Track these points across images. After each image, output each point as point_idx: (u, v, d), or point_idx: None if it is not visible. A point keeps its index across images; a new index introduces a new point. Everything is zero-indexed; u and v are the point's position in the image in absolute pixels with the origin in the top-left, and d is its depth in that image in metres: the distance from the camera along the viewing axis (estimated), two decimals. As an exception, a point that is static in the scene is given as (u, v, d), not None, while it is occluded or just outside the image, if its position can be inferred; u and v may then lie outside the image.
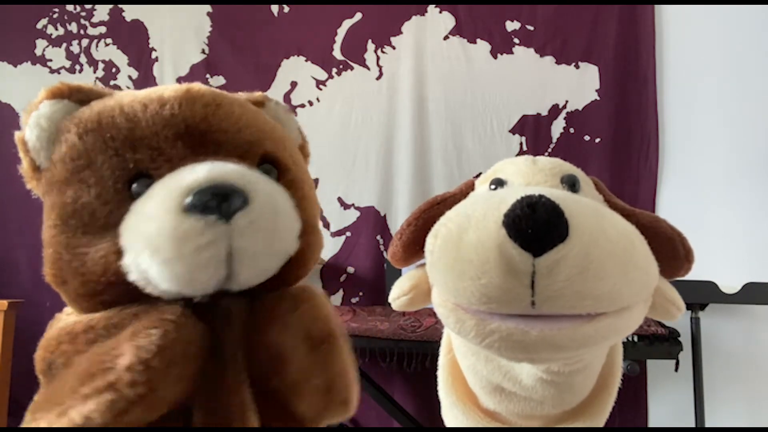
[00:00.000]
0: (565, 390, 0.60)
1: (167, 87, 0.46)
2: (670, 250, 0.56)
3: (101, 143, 0.42)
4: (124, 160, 0.42)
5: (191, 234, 0.37)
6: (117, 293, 0.41)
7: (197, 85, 0.47)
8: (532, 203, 0.43)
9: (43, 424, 0.35)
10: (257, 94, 0.54)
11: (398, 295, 0.62)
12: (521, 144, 1.86)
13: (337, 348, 0.43)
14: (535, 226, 0.42)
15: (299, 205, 0.46)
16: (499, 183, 0.64)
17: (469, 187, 0.70)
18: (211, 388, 0.41)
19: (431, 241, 0.52)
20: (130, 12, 2.08)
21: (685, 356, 1.44)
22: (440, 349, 0.75)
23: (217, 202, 0.37)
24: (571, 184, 0.60)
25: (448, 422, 0.72)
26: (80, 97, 0.45)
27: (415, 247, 0.61)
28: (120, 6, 2.08)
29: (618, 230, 0.46)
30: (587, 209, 0.46)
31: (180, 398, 0.39)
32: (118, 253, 0.39)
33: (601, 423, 0.66)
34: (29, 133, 0.44)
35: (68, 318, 0.43)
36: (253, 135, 0.47)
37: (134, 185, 0.42)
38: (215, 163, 0.41)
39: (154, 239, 0.37)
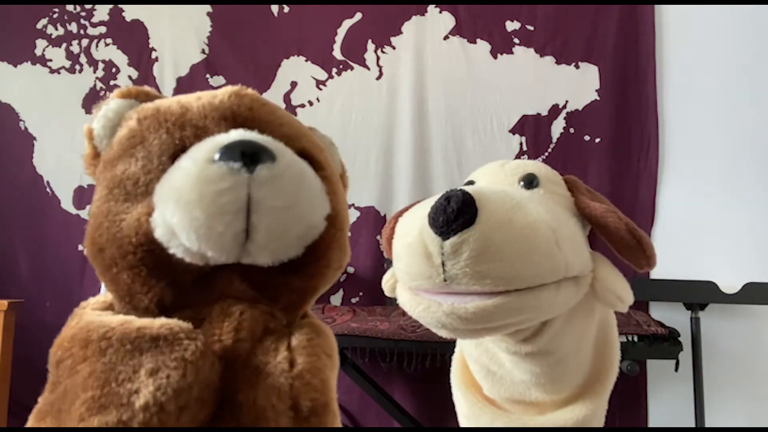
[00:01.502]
0: (541, 375, 0.65)
1: (220, 89, 0.50)
2: (619, 241, 0.61)
3: (156, 124, 0.46)
4: (172, 136, 0.45)
5: (213, 177, 0.39)
6: (144, 259, 0.42)
7: (248, 88, 0.51)
8: (449, 196, 0.50)
9: None
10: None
11: (386, 280, 0.68)
12: (521, 144, 1.86)
13: (326, 423, 0.41)
14: (445, 214, 0.50)
15: (329, 196, 0.47)
16: (469, 184, 0.69)
17: None
18: None
19: None
20: (130, 12, 2.08)
21: (685, 356, 1.44)
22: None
23: (244, 158, 0.39)
24: (528, 182, 0.66)
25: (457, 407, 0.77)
26: (146, 98, 0.50)
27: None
28: (120, 6, 2.08)
29: (527, 220, 0.52)
30: (502, 202, 0.52)
31: None
32: (150, 213, 0.42)
33: (596, 413, 0.68)
34: (96, 123, 0.48)
35: (89, 315, 0.43)
36: (292, 131, 0.50)
37: (177, 160, 0.44)
38: (250, 131, 0.44)
39: (179, 184, 0.40)
